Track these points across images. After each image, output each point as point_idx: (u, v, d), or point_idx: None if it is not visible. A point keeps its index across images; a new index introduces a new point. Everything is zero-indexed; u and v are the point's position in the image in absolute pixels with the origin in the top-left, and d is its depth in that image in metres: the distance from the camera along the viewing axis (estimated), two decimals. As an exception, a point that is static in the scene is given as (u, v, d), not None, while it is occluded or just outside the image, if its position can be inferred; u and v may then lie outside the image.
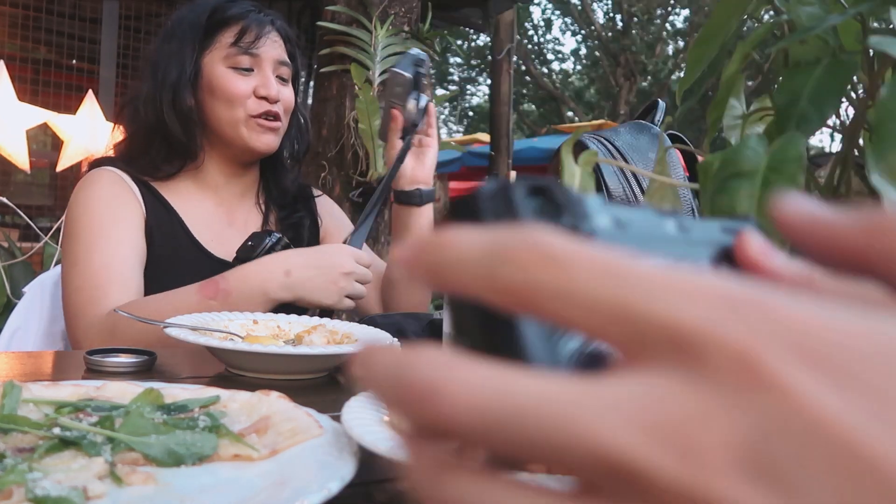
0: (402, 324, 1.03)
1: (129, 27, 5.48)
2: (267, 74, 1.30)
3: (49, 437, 0.53)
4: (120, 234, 1.21)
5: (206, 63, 1.29)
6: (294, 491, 0.46)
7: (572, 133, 0.57)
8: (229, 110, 1.28)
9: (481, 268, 0.19)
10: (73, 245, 1.21)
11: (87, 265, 1.17)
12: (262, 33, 1.30)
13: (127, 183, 1.27)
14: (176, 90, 1.27)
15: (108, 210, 1.23)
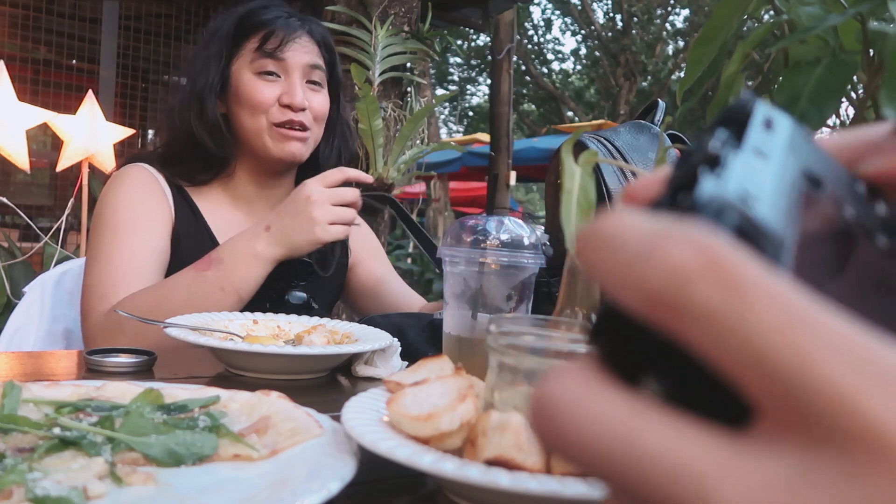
0: (402, 324, 1.03)
1: (129, 27, 5.48)
2: (293, 81, 1.26)
3: (49, 437, 0.53)
4: (145, 235, 1.20)
5: (234, 71, 1.27)
6: (294, 491, 0.46)
7: (572, 133, 0.57)
8: (253, 118, 1.26)
9: (631, 263, 0.16)
10: (96, 240, 1.21)
11: (107, 263, 1.16)
12: (289, 38, 1.26)
13: (160, 184, 1.27)
14: (202, 100, 1.26)
15: (136, 210, 1.22)
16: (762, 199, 0.19)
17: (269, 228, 1.11)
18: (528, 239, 0.83)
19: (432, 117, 9.45)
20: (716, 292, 0.15)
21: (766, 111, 0.23)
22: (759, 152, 0.21)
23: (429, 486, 0.56)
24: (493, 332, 0.55)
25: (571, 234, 0.48)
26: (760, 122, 0.22)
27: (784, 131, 0.23)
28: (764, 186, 0.19)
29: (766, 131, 0.22)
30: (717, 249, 0.16)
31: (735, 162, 0.19)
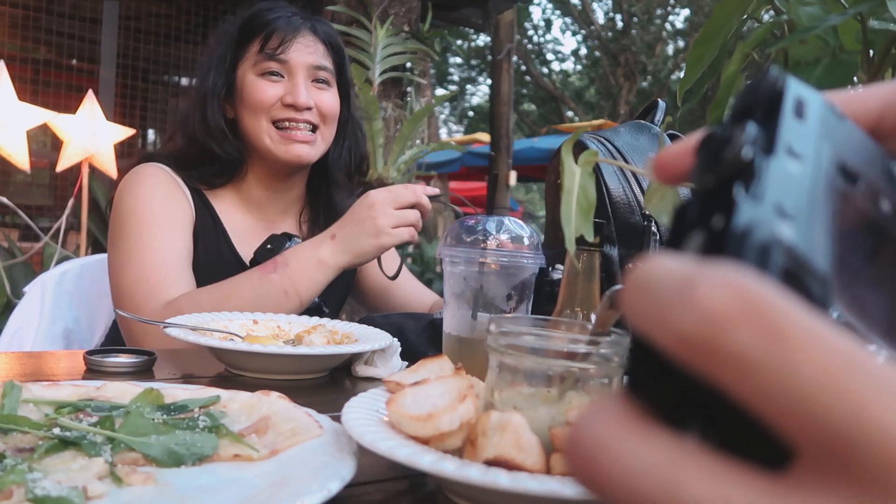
0: (402, 324, 1.03)
1: (129, 27, 5.48)
2: (297, 81, 1.25)
3: (49, 438, 0.53)
4: (174, 231, 1.20)
5: (239, 75, 1.27)
6: (294, 491, 0.46)
7: (572, 133, 0.57)
8: (254, 118, 1.25)
9: (666, 306, 0.16)
10: (125, 240, 1.19)
11: (143, 261, 1.16)
12: (290, 37, 1.25)
13: (179, 183, 1.27)
14: (204, 105, 1.26)
15: (161, 207, 1.21)
16: (800, 218, 0.18)
17: (334, 237, 1.12)
18: (528, 239, 0.83)
19: (432, 117, 9.45)
20: (755, 338, 0.15)
21: (796, 92, 0.21)
22: (793, 152, 0.20)
23: (429, 486, 0.56)
24: (493, 332, 0.55)
25: (571, 234, 0.48)
26: (791, 110, 0.21)
27: (816, 115, 0.21)
28: (801, 200, 0.19)
29: (797, 120, 0.21)
30: (756, 293, 0.15)
31: (769, 173, 0.19)
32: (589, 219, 0.49)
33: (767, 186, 0.18)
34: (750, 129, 0.20)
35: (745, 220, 0.17)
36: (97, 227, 3.46)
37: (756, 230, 0.17)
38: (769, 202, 0.18)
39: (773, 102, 0.21)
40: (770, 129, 0.20)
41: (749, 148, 0.19)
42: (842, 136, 0.22)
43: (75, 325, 1.43)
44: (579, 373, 0.52)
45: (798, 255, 0.17)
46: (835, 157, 0.21)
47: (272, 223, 1.33)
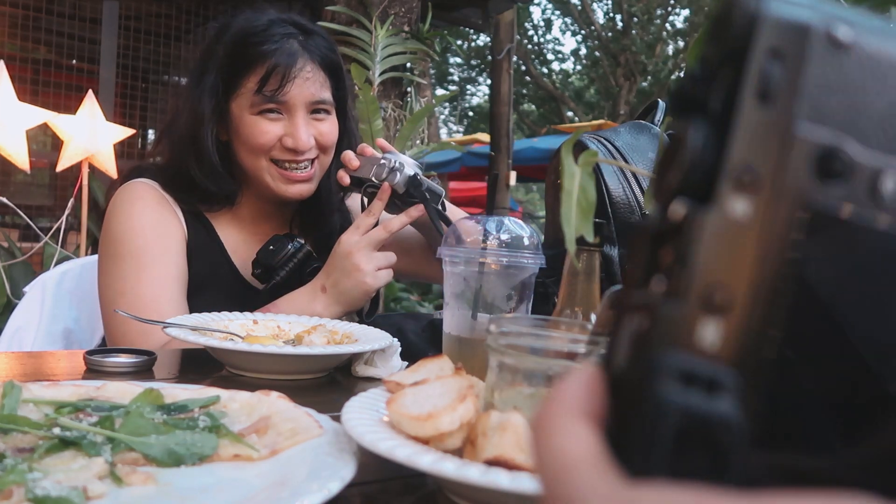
0: (402, 324, 1.04)
1: (129, 27, 5.48)
2: (296, 122, 1.20)
3: (49, 438, 0.53)
4: (166, 262, 1.18)
5: (233, 108, 1.22)
6: (294, 491, 0.46)
7: (572, 133, 0.57)
8: (254, 158, 1.22)
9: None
10: (117, 269, 1.17)
11: (136, 297, 1.14)
12: (290, 76, 1.18)
13: (169, 203, 1.24)
14: (199, 144, 1.21)
15: (151, 235, 1.19)
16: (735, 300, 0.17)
17: (324, 289, 1.13)
18: (528, 239, 0.83)
19: (432, 117, 9.45)
20: None
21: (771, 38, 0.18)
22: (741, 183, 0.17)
23: (429, 486, 0.56)
24: (493, 332, 0.55)
25: (571, 234, 0.48)
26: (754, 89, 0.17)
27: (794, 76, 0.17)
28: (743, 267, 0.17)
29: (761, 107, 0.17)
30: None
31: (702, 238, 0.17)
32: (589, 219, 0.49)
33: (695, 267, 0.17)
34: (692, 148, 0.18)
35: (653, 369, 0.17)
36: (97, 227, 3.46)
37: (659, 379, 0.17)
38: (694, 291, 0.17)
39: (737, 61, 0.18)
40: (722, 131, 0.17)
41: (680, 204, 0.18)
42: (841, 89, 0.18)
43: (75, 325, 1.43)
44: (579, 373, 0.52)
45: (697, 409, 0.17)
46: (813, 147, 0.18)
47: (266, 236, 1.29)
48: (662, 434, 0.17)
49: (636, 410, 0.17)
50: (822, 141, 0.18)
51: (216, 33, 1.24)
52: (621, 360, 0.18)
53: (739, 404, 0.17)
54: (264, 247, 1.20)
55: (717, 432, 0.17)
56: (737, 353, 0.17)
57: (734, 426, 0.17)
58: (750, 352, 0.17)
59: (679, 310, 0.17)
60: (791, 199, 0.17)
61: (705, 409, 0.17)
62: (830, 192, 0.18)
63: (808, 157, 0.18)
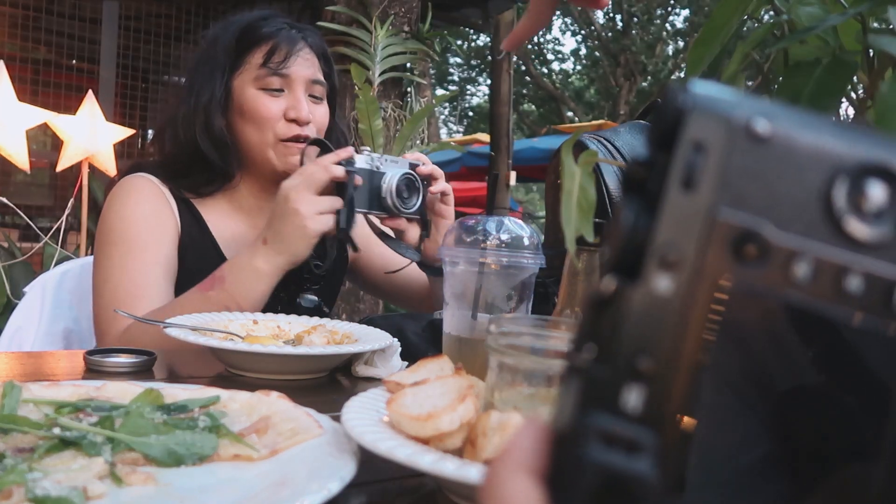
0: (402, 324, 1.03)
1: (129, 27, 5.48)
2: (298, 96, 1.26)
3: (49, 437, 0.53)
4: (154, 251, 1.20)
5: (236, 85, 1.26)
6: (294, 491, 0.46)
7: (572, 133, 0.57)
8: (258, 133, 1.25)
9: None
10: (106, 257, 1.20)
11: (119, 282, 1.16)
12: (293, 52, 1.26)
13: (165, 196, 1.26)
14: (208, 115, 1.25)
15: (145, 224, 1.21)
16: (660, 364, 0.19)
17: (265, 241, 1.11)
18: (529, 239, 0.83)
19: (432, 117, 9.45)
20: None
21: (695, 132, 0.19)
22: (666, 262, 0.19)
23: (429, 486, 0.56)
24: (493, 333, 0.55)
25: (571, 234, 0.48)
26: (679, 181, 0.19)
27: (715, 167, 0.19)
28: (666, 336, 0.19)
29: (684, 194, 0.19)
30: None
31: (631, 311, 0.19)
32: (589, 219, 0.49)
33: (623, 334, 0.19)
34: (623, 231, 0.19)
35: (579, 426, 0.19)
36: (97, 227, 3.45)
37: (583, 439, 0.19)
38: (622, 359, 0.19)
39: (663, 166, 0.19)
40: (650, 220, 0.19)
41: (611, 279, 0.19)
42: (757, 178, 0.19)
43: (75, 325, 1.43)
44: (579, 373, 0.52)
45: (617, 467, 0.19)
46: (731, 233, 0.19)
47: (260, 230, 1.32)
48: (583, 489, 0.19)
49: (564, 466, 0.19)
50: (741, 224, 0.19)
51: (222, 25, 1.31)
52: (562, 417, 0.20)
53: (657, 463, 0.19)
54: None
55: (634, 489, 0.19)
56: (657, 417, 0.19)
57: (649, 483, 0.19)
58: (669, 416, 0.19)
59: (606, 375, 0.19)
60: (710, 277, 0.19)
61: (623, 467, 0.19)
62: (747, 272, 0.19)
63: (726, 240, 0.19)
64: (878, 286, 0.19)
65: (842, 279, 0.19)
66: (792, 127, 0.20)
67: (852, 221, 0.20)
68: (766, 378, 0.21)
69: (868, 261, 0.19)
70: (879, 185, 0.20)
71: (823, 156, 0.20)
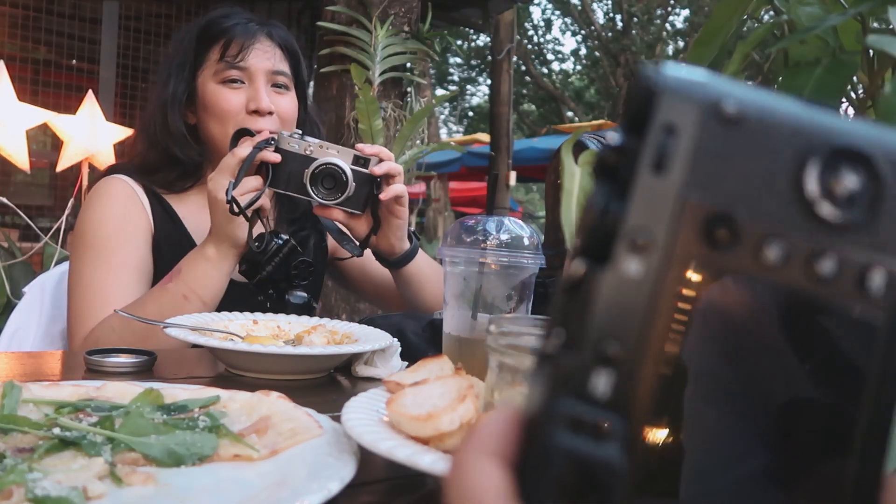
0: (402, 324, 1.03)
1: (129, 27, 5.48)
2: (257, 87, 1.27)
3: (49, 438, 0.53)
4: (124, 254, 1.21)
5: (200, 82, 1.29)
6: (294, 491, 0.46)
7: (572, 133, 0.57)
8: (220, 126, 1.27)
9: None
10: (78, 261, 1.22)
11: (88, 286, 1.18)
12: (248, 44, 1.27)
13: (138, 196, 1.28)
14: (164, 112, 1.27)
15: (114, 227, 1.23)
16: (626, 347, 0.18)
17: (210, 231, 1.14)
18: (528, 239, 0.83)
19: (432, 117, 9.45)
20: None
21: (665, 115, 0.19)
22: (635, 245, 0.19)
23: (429, 486, 0.56)
24: (493, 333, 0.55)
25: (571, 234, 0.48)
26: (650, 163, 0.19)
27: (685, 150, 0.19)
28: (635, 318, 0.19)
29: (655, 176, 0.19)
30: None
31: (599, 295, 0.19)
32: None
33: (591, 318, 0.19)
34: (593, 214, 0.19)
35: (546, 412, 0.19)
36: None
37: (551, 426, 0.19)
38: (589, 343, 0.19)
39: (634, 150, 0.19)
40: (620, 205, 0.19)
41: (580, 262, 0.19)
42: (726, 160, 0.19)
43: (75, 325, 1.43)
44: (579, 373, 0.52)
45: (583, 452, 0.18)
46: (701, 214, 0.19)
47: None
48: (550, 474, 0.18)
49: (531, 452, 0.19)
50: (711, 207, 0.19)
51: (187, 26, 1.36)
52: (531, 404, 0.20)
53: (624, 450, 0.19)
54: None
55: (601, 475, 0.18)
56: (625, 403, 0.19)
57: (617, 470, 0.18)
58: (637, 402, 0.19)
59: (574, 360, 0.19)
60: (681, 261, 0.19)
61: (589, 452, 0.18)
62: (718, 255, 0.19)
63: (696, 223, 0.19)
64: (850, 269, 0.19)
65: (813, 262, 0.19)
66: (763, 108, 0.19)
67: (824, 205, 0.19)
68: (762, 390, 0.21)
69: (840, 244, 0.19)
70: (851, 168, 0.19)
71: (795, 138, 0.19)
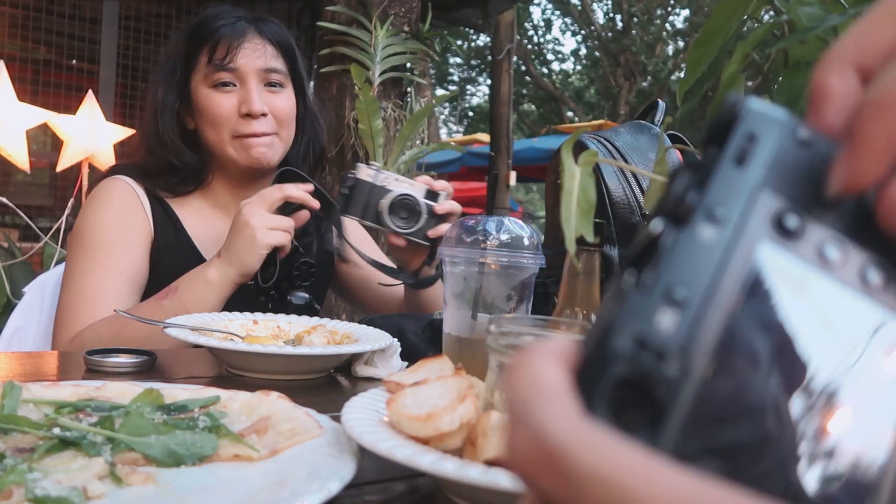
0: (402, 324, 1.03)
1: (129, 27, 5.48)
2: (249, 88, 1.24)
3: (49, 438, 0.53)
4: (119, 258, 1.20)
5: (193, 87, 1.27)
6: (294, 491, 0.46)
7: (572, 133, 0.57)
8: (215, 132, 1.26)
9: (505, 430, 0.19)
10: (73, 262, 1.21)
11: (80, 287, 1.17)
12: (237, 44, 1.24)
13: (139, 198, 1.26)
14: (156, 120, 1.26)
15: (111, 230, 1.21)
16: (692, 300, 0.20)
17: (220, 254, 1.12)
18: (528, 239, 0.83)
19: (432, 117, 9.45)
20: (551, 484, 0.18)
21: (750, 126, 0.22)
22: (712, 217, 0.21)
23: (429, 486, 0.56)
24: (493, 333, 0.55)
25: (571, 234, 0.48)
26: (732, 157, 0.21)
27: (764, 154, 0.22)
28: (703, 277, 0.20)
29: (736, 168, 0.21)
30: (549, 440, 0.18)
31: (673, 251, 0.20)
32: (589, 219, 0.49)
33: (663, 269, 0.20)
34: (676, 189, 0.21)
35: (612, 325, 0.19)
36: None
37: (613, 341, 0.19)
38: (659, 289, 0.20)
39: (718, 147, 0.22)
40: (703, 183, 0.21)
41: (659, 221, 0.21)
42: (797, 170, 0.22)
43: (75, 325, 1.43)
44: (579, 373, 0.52)
45: (644, 367, 0.19)
46: (772, 208, 0.21)
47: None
48: (609, 378, 0.19)
49: (595, 357, 0.20)
50: (783, 204, 0.21)
51: (179, 31, 1.33)
52: (598, 325, 0.21)
53: (683, 378, 0.19)
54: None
55: (659, 391, 0.19)
56: (687, 342, 0.20)
57: (676, 390, 0.19)
58: (697, 344, 0.20)
59: (644, 297, 0.20)
60: (751, 239, 0.21)
61: (651, 367, 0.19)
62: (784, 241, 0.21)
63: (767, 212, 0.21)
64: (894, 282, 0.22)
65: (865, 272, 0.21)
66: (828, 141, 0.22)
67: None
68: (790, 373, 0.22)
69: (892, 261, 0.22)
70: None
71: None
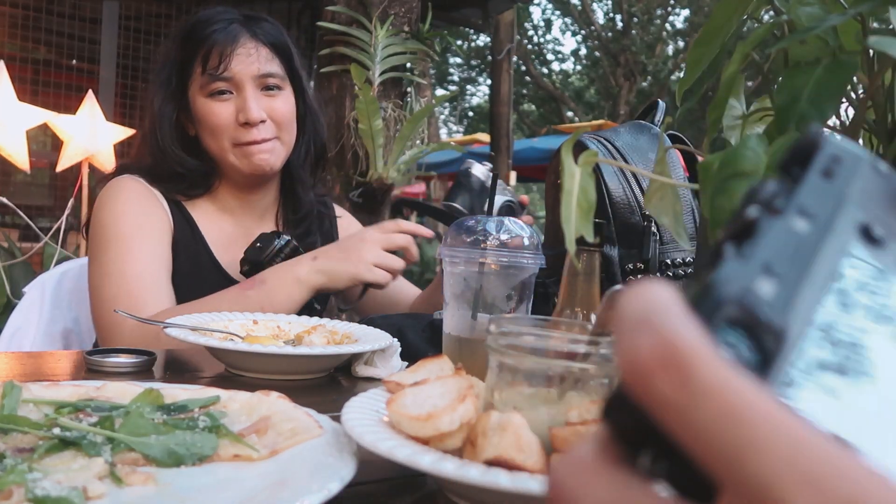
0: (402, 324, 1.03)
1: (129, 27, 5.49)
2: (245, 96, 1.23)
3: (49, 438, 0.53)
4: (150, 243, 1.20)
5: (191, 96, 1.26)
6: (294, 491, 0.46)
7: (572, 133, 0.57)
8: (215, 141, 1.26)
9: (619, 344, 0.19)
10: (103, 253, 1.19)
11: (122, 275, 1.16)
12: (229, 51, 1.22)
13: (157, 196, 1.27)
14: (155, 134, 1.26)
15: (138, 219, 1.22)
16: (788, 275, 0.20)
17: (316, 258, 1.13)
18: (528, 239, 0.83)
19: (432, 117, 9.45)
20: (669, 387, 0.17)
21: (833, 151, 0.23)
22: (804, 212, 0.22)
23: (429, 486, 0.56)
24: (493, 333, 0.55)
25: (571, 234, 0.48)
26: (820, 170, 0.23)
27: (847, 175, 0.23)
28: (796, 258, 0.21)
29: (823, 180, 0.23)
30: (675, 345, 0.18)
31: (769, 233, 0.21)
32: (589, 219, 0.49)
33: (760, 246, 0.21)
34: (767, 189, 0.22)
35: (719, 276, 0.20)
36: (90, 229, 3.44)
37: (723, 287, 0.19)
38: (757, 260, 0.20)
39: (805, 161, 0.23)
40: (792, 187, 0.23)
41: (754, 209, 0.22)
42: (878, 196, 0.24)
43: (75, 325, 1.43)
44: (579, 373, 0.52)
45: (754, 309, 0.19)
46: (858, 219, 0.23)
47: (249, 229, 1.33)
48: (719, 317, 0.19)
49: (703, 296, 0.20)
50: (864, 216, 0.23)
51: (172, 34, 1.31)
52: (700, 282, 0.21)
53: (785, 337, 0.19)
54: (252, 244, 1.21)
55: (767, 339, 0.19)
56: (785, 306, 0.20)
57: (781, 341, 0.19)
58: (794, 311, 0.20)
59: (745, 265, 0.20)
60: (841, 237, 0.22)
61: (763, 312, 0.19)
62: (869, 248, 0.23)
63: (853, 220, 0.23)
64: None
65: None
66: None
67: None
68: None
69: None
70: None
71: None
